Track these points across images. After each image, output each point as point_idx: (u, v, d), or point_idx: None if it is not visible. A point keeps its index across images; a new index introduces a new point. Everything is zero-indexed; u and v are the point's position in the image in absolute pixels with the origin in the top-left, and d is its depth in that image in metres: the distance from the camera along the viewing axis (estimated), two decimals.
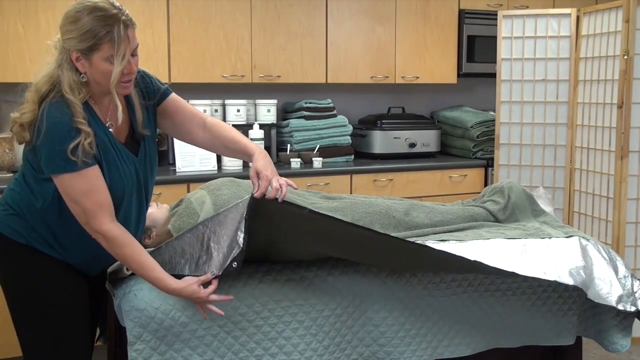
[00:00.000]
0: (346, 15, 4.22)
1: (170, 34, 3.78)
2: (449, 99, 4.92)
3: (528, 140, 4.06)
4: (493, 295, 2.44)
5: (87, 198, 1.76)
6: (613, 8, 3.63)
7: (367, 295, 2.27)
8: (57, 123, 1.72)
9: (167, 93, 2.02)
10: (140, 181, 1.93)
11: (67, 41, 1.75)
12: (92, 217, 1.78)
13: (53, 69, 1.78)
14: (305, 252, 2.22)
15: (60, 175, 1.75)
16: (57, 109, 1.74)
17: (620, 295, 2.42)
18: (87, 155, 1.74)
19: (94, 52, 1.73)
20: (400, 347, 2.30)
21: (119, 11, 1.74)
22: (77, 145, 1.72)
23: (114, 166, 1.84)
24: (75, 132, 1.72)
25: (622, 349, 2.53)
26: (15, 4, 3.45)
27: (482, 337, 2.43)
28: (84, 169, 1.74)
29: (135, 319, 1.99)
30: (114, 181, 1.83)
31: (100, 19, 1.71)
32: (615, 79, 3.59)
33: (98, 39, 1.71)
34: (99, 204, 1.77)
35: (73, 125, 1.72)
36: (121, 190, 1.86)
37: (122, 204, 1.88)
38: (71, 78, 1.76)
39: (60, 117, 1.72)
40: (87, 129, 1.74)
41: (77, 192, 1.76)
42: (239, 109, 3.98)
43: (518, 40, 4.04)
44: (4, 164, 3.50)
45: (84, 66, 1.76)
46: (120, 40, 1.72)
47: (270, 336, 2.15)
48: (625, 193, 3.57)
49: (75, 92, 1.76)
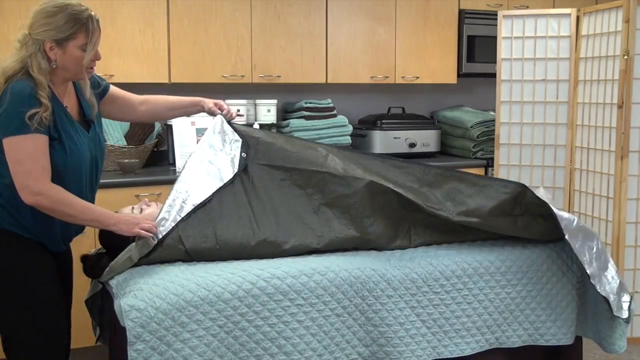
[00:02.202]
0: (346, 16, 4.22)
1: (170, 34, 3.78)
2: (449, 99, 4.92)
3: (528, 140, 4.06)
4: (493, 295, 2.44)
5: (32, 160, 1.97)
6: (613, 8, 3.63)
7: (366, 295, 2.28)
8: (21, 91, 1.97)
9: (108, 87, 2.41)
10: (92, 156, 2.19)
11: (42, 33, 2.03)
12: (34, 178, 1.98)
13: (24, 56, 2.04)
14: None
15: (13, 137, 1.96)
16: (23, 82, 2.00)
17: (595, 275, 2.43)
18: (41, 124, 1.98)
19: (70, 41, 2.03)
20: (400, 347, 2.30)
21: (87, 9, 2.07)
22: (35, 114, 1.96)
23: (71, 139, 2.09)
24: (35, 101, 1.97)
25: (620, 350, 2.54)
26: (15, 4, 3.45)
27: (482, 337, 2.43)
28: (35, 134, 1.97)
29: (135, 319, 2.00)
30: (72, 151, 2.08)
31: (77, 14, 2.03)
32: (615, 79, 3.59)
33: (75, 30, 2.03)
34: (42, 167, 1.99)
35: (35, 96, 1.97)
36: (78, 161, 2.11)
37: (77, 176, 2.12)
38: (42, 64, 2.03)
39: (24, 87, 1.98)
40: (47, 102, 1.99)
41: (24, 153, 1.97)
42: (239, 109, 3.98)
43: (518, 40, 4.04)
44: None
45: (56, 55, 2.04)
46: (93, 31, 2.06)
47: (270, 336, 2.15)
48: (625, 193, 3.57)
49: (43, 74, 2.03)
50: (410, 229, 2.52)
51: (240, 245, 2.30)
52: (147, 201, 2.49)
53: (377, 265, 2.33)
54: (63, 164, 2.07)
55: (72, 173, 2.10)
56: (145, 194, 3.42)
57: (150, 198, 3.26)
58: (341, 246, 2.42)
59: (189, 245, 2.26)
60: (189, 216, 2.29)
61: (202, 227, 2.29)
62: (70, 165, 2.08)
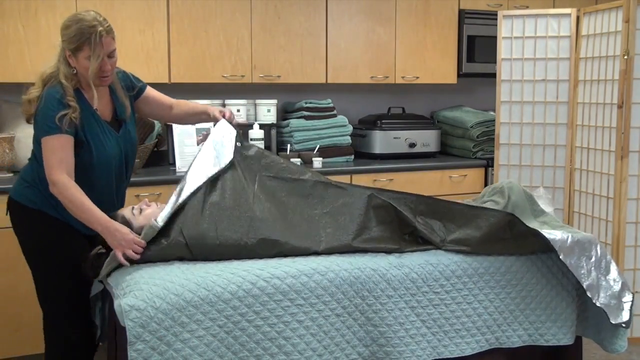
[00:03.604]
0: (346, 16, 4.22)
1: (171, 35, 3.78)
2: (449, 99, 4.92)
3: (528, 140, 4.06)
4: (493, 295, 2.44)
5: (54, 154, 2.27)
6: (613, 8, 3.63)
7: (366, 295, 2.28)
8: (52, 97, 2.29)
9: (144, 88, 2.65)
10: (122, 152, 2.47)
11: (63, 42, 2.34)
12: (51, 168, 2.26)
13: (56, 62, 2.36)
14: None
15: (45, 137, 2.28)
16: (54, 88, 2.32)
17: (594, 285, 2.44)
18: (70, 125, 2.28)
19: (78, 52, 2.30)
20: (400, 347, 2.30)
21: (98, 23, 2.30)
22: (64, 115, 2.27)
23: (97, 138, 2.38)
24: (63, 104, 2.28)
25: (620, 349, 2.54)
26: (15, 4, 3.46)
27: (482, 337, 2.43)
28: (62, 134, 2.27)
29: (135, 319, 2.00)
30: (99, 151, 2.37)
31: (84, 28, 2.28)
32: (615, 79, 3.59)
33: (80, 43, 2.28)
34: (59, 160, 2.27)
35: (63, 101, 2.28)
36: (105, 158, 2.39)
37: (106, 171, 2.41)
38: (65, 70, 2.33)
39: (54, 92, 2.30)
40: (74, 105, 2.29)
41: (50, 148, 2.27)
42: (239, 109, 3.99)
43: (518, 40, 4.04)
44: (4, 164, 3.50)
45: (73, 62, 2.33)
46: (96, 45, 2.28)
47: (269, 336, 2.15)
48: (625, 193, 3.57)
49: (69, 79, 2.32)
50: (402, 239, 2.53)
51: (239, 244, 2.30)
52: (147, 201, 2.49)
53: (377, 265, 2.33)
54: (90, 162, 2.36)
55: (101, 169, 2.40)
56: (145, 194, 3.42)
57: (150, 198, 3.26)
58: (339, 251, 2.42)
59: (189, 235, 2.28)
60: (186, 203, 2.34)
61: (203, 223, 2.30)
62: (97, 162, 2.38)
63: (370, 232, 2.45)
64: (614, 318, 2.47)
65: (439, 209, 2.55)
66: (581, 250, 2.47)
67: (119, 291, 2.12)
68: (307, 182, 2.52)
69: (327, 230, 2.41)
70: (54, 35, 3.55)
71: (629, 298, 2.53)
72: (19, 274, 3.25)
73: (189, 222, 2.30)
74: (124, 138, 2.49)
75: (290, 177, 2.52)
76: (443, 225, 2.52)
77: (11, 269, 3.22)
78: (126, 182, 2.59)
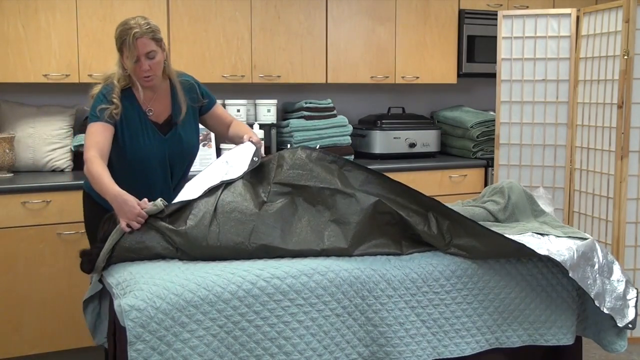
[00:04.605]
0: (346, 15, 4.22)
1: (170, 34, 3.78)
2: (449, 99, 4.92)
3: (528, 140, 4.06)
4: (493, 295, 2.44)
5: (90, 137, 2.49)
6: (613, 8, 3.63)
7: (366, 295, 2.28)
8: (100, 93, 2.55)
9: (212, 103, 2.82)
10: (164, 154, 2.63)
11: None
12: (86, 148, 2.47)
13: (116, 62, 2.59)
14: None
15: (89, 124, 2.52)
16: (105, 87, 2.56)
17: (600, 293, 2.44)
18: (109, 117, 2.50)
19: (121, 54, 2.52)
20: (400, 347, 2.30)
21: (136, 26, 2.48)
22: (105, 109, 2.50)
23: (135, 135, 2.59)
24: (108, 101, 2.51)
25: (620, 349, 2.54)
26: (15, 4, 3.46)
27: (482, 337, 2.43)
28: (99, 122, 2.50)
29: (135, 319, 2.00)
30: (133, 145, 2.58)
31: (122, 32, 2.49)
32: (615, 79, 3.60)
33: (120, 45, 2.51)
34: (94, 142, 2.47)
35: (108, 97, 2.52)
36: (140, 155, 2.59)
37: (145, 168, 2.61)
38: (119, 71, 2.56)
39: (103, 90, 2.55)
40: (117, 102, 2.52)
41: (89, 133, 2.51)
42: (239, 109, 3.99)
43: (518, 40, 4.04)
44: (4, 164, 3.50)
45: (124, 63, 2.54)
46: (130, 47, 2.47)
47: (270, 336, 2.15)
48: (625, 193, 3.57)
49: (120, 80, 2.55)
50: (402, 243, 2.51)
51: (240, 248, 2.30)
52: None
53: (377, 265, 2.33)
54: (124, 156, 2.58)
55: (138, 165, 2.60)
56: None
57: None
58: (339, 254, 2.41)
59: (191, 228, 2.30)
60: (196, 200, 2.38)
61: (210, 224, 2.30)
62: (132, 159, 2.58)
63: (373, 239, 2.43)
64: (621, 320, 2.47)
65: (452, 215, 2.50)
66: (585, 261, 2.46)
67: (119, 291, 2.12)
68: (313, 188, 2.49)
69: (331, 239, 2.40)
70: (54, 35, 3.57)
71: (633, 294, 2.52)
72: (19, 273, 3.25)
73: (195, 218, 2.31)
74: (171, 141, 2.64)
75: (297, 183, 2.50)
76: (452, 227, 2.49)
77: (11, 269, 3.22)
78: (170, 185, 2.70)
